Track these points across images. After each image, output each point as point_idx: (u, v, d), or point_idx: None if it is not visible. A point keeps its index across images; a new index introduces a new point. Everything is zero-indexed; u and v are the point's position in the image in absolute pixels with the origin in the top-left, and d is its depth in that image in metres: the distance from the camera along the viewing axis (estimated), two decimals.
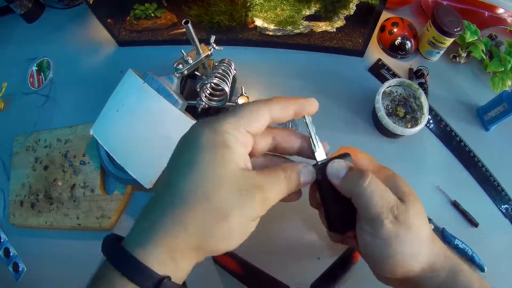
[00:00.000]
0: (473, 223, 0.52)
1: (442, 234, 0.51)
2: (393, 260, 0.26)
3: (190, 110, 0.55)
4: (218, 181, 0.23)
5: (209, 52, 0.54)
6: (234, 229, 0.24)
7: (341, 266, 0.45)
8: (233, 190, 0.23)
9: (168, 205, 0.23)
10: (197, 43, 0.51)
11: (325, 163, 0.27)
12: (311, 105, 0.28)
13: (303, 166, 0.27)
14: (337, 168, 0.27)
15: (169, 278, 0.23)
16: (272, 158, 0.30)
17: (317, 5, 0.61)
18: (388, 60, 0.65)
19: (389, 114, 0.55)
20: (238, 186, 0.24)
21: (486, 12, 0.66)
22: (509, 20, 0.65)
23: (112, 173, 0.57)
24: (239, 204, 0.23)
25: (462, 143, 0.57)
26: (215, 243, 0.24)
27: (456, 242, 0.50)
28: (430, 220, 0.51)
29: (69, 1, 0.81)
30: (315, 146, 0.28)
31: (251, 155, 0.27)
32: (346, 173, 0.27)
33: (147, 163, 0.53)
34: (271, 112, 0.26)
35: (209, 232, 0.23)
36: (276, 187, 0.25)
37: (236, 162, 0.24)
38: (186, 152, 0.24)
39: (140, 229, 0.24)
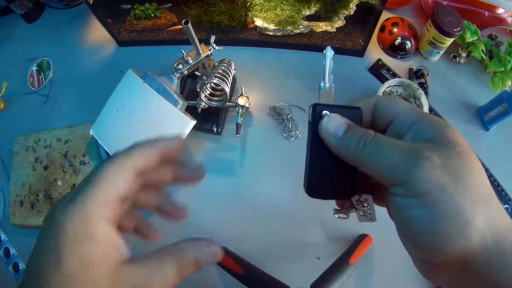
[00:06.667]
0: None
1: None
2: (439, 226, 0.17)
3: (190, 110, 0.55)
4: None
5: (209, 52, 0.54)
6: None
7: (340, 266, 0.45)
8: None
9: None
10: (197, 43, 0.51)
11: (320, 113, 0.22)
12: (176, 144, 0.23)
13: (204, 246, 0.22)
14: (335, 125, 0.21)
15: None
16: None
17: (317, 5, 0.61)
18: (388, 60, 0.65)
19: None
20: None
21: (486, 12, 0.66)
22: (509, 20, 0.65)
23: None
24: None
25: None
26: None
27: None
28: None
29: (69, 1, 0.81)
30: (323, 81, 0.24)
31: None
32: (344, 132, 0.21)
33: None
34: (136, 165, 0.21)
35: None
36: (163, 283, 0.20)
37: (108, 258, 0.18)
38: (46, 252, 0.18)
39: None
